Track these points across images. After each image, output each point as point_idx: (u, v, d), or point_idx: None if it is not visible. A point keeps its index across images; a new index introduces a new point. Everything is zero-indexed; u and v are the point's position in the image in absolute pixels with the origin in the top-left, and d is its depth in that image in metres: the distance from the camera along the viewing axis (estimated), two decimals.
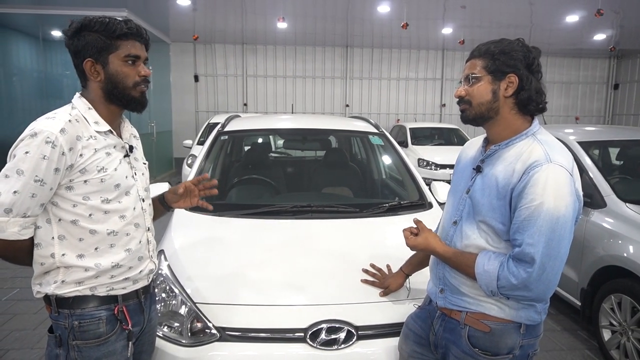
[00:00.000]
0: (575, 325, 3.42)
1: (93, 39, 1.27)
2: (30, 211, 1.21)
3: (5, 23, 9.35)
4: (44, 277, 1.30)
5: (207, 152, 3.01)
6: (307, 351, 1.63)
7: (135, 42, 1.31)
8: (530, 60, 1.30)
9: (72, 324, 1.29)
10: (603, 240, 2.98)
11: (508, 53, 1.30)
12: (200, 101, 13.57)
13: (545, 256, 1.20)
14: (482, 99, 1.33)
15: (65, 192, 1.25)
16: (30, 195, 1.18)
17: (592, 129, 4.28)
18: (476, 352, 1.36)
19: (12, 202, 1.17)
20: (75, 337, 1.29)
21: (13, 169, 1.17)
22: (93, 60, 1.28)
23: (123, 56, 1.29)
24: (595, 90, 14.95)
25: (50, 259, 1.27)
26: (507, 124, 1.35)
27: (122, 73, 1.30)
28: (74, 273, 1.28)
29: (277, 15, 9.41)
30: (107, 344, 1.32)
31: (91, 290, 1.31)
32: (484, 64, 1.33)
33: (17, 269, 4.44)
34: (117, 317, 1.34)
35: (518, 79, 1.30)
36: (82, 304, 1.30)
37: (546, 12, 9.17)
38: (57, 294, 1.28)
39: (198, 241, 2.21)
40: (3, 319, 3.41)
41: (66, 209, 1.26)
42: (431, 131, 10.12)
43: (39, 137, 1.18)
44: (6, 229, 1.18)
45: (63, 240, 1.27)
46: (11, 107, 9.63)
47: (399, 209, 2.53)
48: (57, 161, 1.19)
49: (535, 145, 1.29)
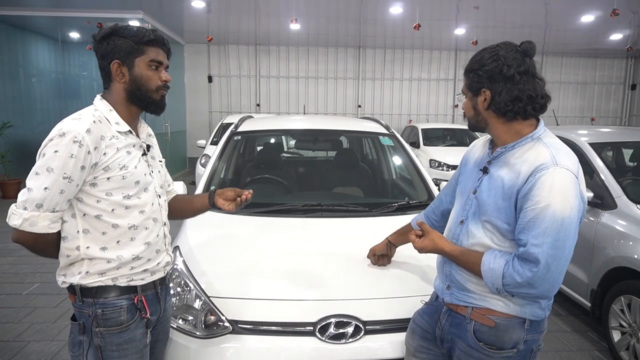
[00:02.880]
0: (585, 327, 3.41)
1: (122, 43, 1.36)
2: (59, 206, 1.29)
3: (25, 25, 9.59)
4: (69, 269, 1.38)
5: (221, 151, 3.08)
6: (316, 344, 1.69)
7: (159, 49, 1.41)
8: (500, 69, 1.31)
9: (95, 312, 1.37)
10: (613, 242, 2.98)
11: (476, 70, 1.36)
12: (213, 101, 13.71)
13: (550, 257, 1.23)
14: (469, 114, 1.44)
15: (89, 188, 1.33)
16: (59, 192, 1.26)
17: (605, 130, 4.26)
18: (481, 346, 1.40)
19: (42, 198, 1.25)
20: (99, 324, 1.37)
21: (43, 166, 1.25)
22: (120, 62, 1.37)
23: (148, 61, 1.39)
24: (611, 91, 14.72)
25: (75, 251, 1.35)
26: (504, 130, 1.38)
27: (145, 76, 1.39)
28: (97, 264, 1.36)
29: (290, 17, 9.48)
30: (128, 331, 1.40)
31: (113, 281, 1.38)
32: (465, 82, 1.42)
33: (37, 264, 4.58)
34: (136, 306, 1.42)
35: (490, 93, 1.34)
36: (104, 294, 1.38)
37: (561, 12, 9.09)
38: (82, 284, 1.36)
39: (212, 238, 2.28)
40: (24, 312, 3.53)
41: (90, 205, 1.34)
42: (443, 132, 10.09)
43: (67, 137, 1.26)
44: (37, 222, 1.26)
45: (87, 234, 1.35)
46: (30, 108, 9.86)
47: (408, 209, 2.57)
48: (84, 159, 1.27)
49: (542, 149, 1.32)
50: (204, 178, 2.84)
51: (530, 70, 1.33)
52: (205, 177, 2.85)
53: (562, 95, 14.57)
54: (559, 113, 13.44)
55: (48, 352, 2.95)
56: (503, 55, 1.32)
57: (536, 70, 1.35)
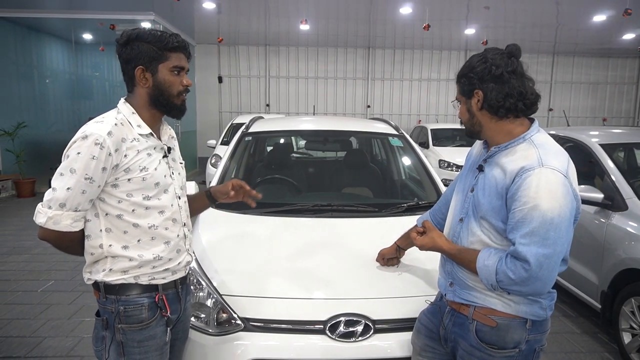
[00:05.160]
0: (595, 328, 3.40)
1: (146, 49, 1.38)
2: (81, 206, 1.34)
3: (39, 27, 9.74)
4: (93, 266, 1.43)
5: (232, 152, 3.13)
6: (325, 342, 1.72)
7: (181, 54, 1.44)
8: (489, 69, 1.38)
9: (118, 308, 1.41)
10: (624, 243, 2.97)
11: (467, 74, 1.43)
12: (223, 102, 13.82)
13: (541, 256, 1.26)
14: (464, 119, 1.49)
15: (111, 189, 1.37)
16: (81, 192, 1.31)
17: (616, 131, 4.22)
18: (483, 346, 1.42)
19: (65, 198, 1.31)
20: (121, 320, 1.41)
21: (67, 167, 1.31)
22: (144, 67, 1.39)
23: (171, 67, 1.41)
24: (624, 91, 14.56)
25: (99, 249, 1.40)
26: (497, 130, 1.43)
27: (168, 82, 1.42)
28: (120, 262, 1.41)
29: (300, 18, 9.54)
30: (149, 329, 1.44)
31: (135, 279, 1.43)
32: (458, 88, 1.49)
33: (52, 262, 4.68)
34: (157, 304, 1.46)
35: (482, 92, 1.40)
36: (127, 291, 1.42)
37: (573, 11, 9.03)
38: (105, 281, 1.41)
39: (224, 237, 2.32)
40: (39, 308, 3.61)
41: (112, 205, 1.39)
42: (453, 132, 10.05)
43: (89, 139, 1.30)
44: (60, 221, 1.32)
45: (110, 233, 1.40)
46: (44, 108, 10.02)
47: (417, 209, 2.58)
48: (105, 161, 1.32)
49: (531, 149, 1.35)
50: (215, 178, 2.88)
51: (518, 69, 1.40)
52: (217, 176, 2.89)
53: (573, 95, 14.45)
54: (570, 113, 13.32)
55: (63, 348, 3.02)
56: (490, 57, 1.40)
57: (524, 70, 1.42)
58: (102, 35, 10.36)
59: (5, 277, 4.28)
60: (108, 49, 10.53)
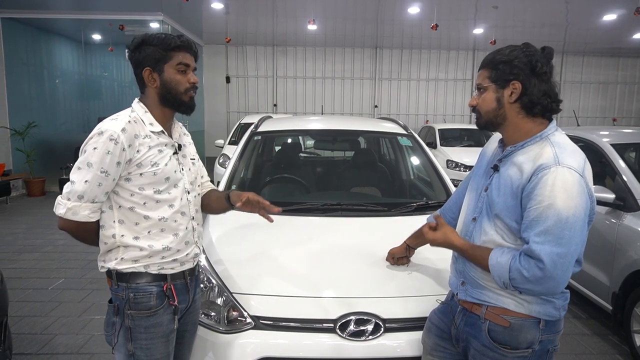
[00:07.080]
0: (606, 330, 3.37)
1: (151, 51, 1.47)
2: (98, 198, 1.42)
3: (50, 28, 9.85)
4: (107, 255, 1.51)
5: (241, 151, 3.13)
6: (335, 341, 1.72)
7: (186, 53, 1.51)
8: (534, 65, 1.35)
9: (128, 295, 1.49)
10: (636, 244, 2.94)
11: (510, 62, 1.37)
12: (231, 102, 13.87)
13: (555, 255, 1.25)
14: (489, 107, 1.42)
15: (124, 183, 1.46)
16: (98, 185, 1.40)
17: (627, 131, 4.18)
18: (496, 346, 1.41)
19: (84, 190, 1.39)
20: (130, 307, 1.49)
21: (84, 162, 1.39)
22: (151, 69, 1.48)
23: (175, 64, 1.49)
24: (634, 91, 14.41)
25: (112, 239, 1.48)
26: (518, 127, 1.41)
27: (175, 80, 1.50)
28: (131, 252, 1.48)
29: (308, 18, 9.55)
30: (156, 316, 1.51)
31: (145, 268, 1.50)
32: (489, 74, 1.41)
33: (62, 260, 4.72)
34: (165, 293, 1.53)
35: (521, 85, 1.36)
36: (137, 279, 1.50)
37: (582, 10, 8.95)
38: (117, 269, 1.49)
39: (234, 235, 2.33)
40: (50, 306, 3.64)
41: (125, 197, 1.47)
42: (460, 132, 10.02)
43: (105, 135, 1.39)
44: (79, 212, 1.41)
45: (122, 224, 1.48)
46: (54, 108, 10.13)
47: (426, 209, 2.58)
48: (119, 155, 1.40)
49: (547, 148, 1.34)
50: (225, 176, 2.90)
51: (551, 71, 1.39)
52: (226, 176, 2.90)
53: (583, 95, 14.33)
54: (579, 113, 13.21)
55: (74, 345, 3.05)
56: (533, 52, 1.37)
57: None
58: (112, 36, 10.45)
59: (16, 275, 4.33)
60: (117, 49, 10.62)
